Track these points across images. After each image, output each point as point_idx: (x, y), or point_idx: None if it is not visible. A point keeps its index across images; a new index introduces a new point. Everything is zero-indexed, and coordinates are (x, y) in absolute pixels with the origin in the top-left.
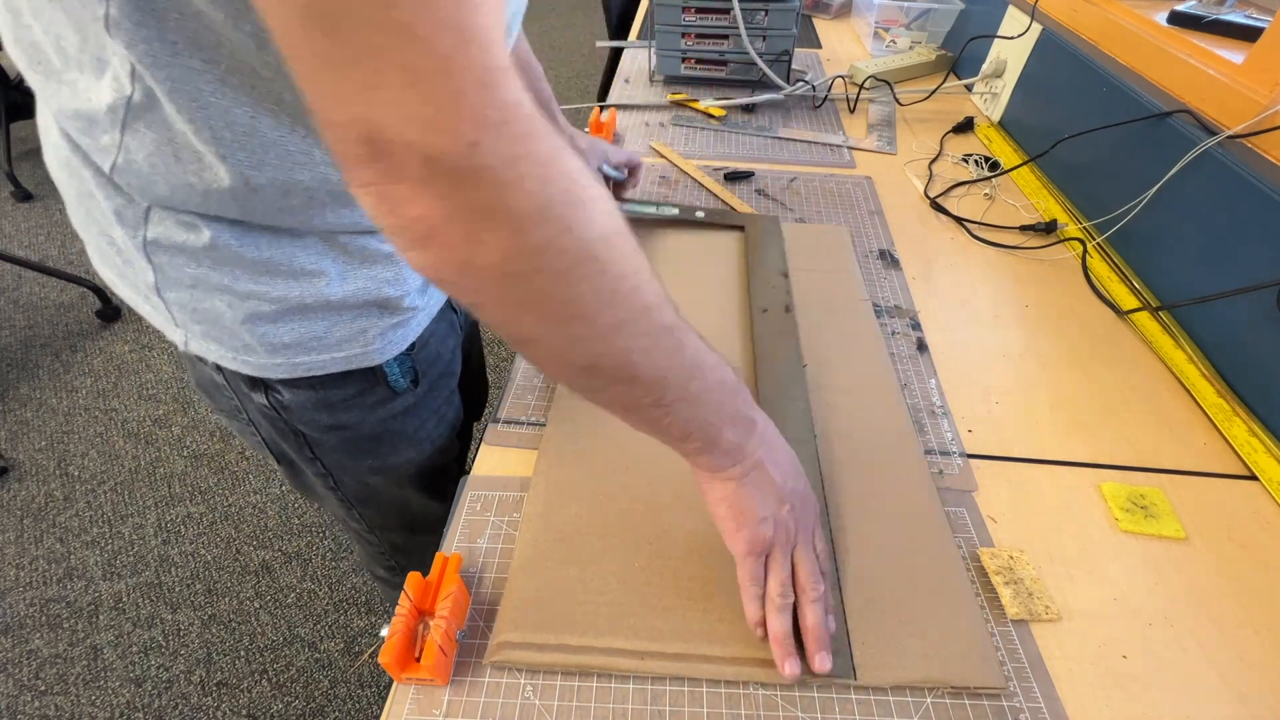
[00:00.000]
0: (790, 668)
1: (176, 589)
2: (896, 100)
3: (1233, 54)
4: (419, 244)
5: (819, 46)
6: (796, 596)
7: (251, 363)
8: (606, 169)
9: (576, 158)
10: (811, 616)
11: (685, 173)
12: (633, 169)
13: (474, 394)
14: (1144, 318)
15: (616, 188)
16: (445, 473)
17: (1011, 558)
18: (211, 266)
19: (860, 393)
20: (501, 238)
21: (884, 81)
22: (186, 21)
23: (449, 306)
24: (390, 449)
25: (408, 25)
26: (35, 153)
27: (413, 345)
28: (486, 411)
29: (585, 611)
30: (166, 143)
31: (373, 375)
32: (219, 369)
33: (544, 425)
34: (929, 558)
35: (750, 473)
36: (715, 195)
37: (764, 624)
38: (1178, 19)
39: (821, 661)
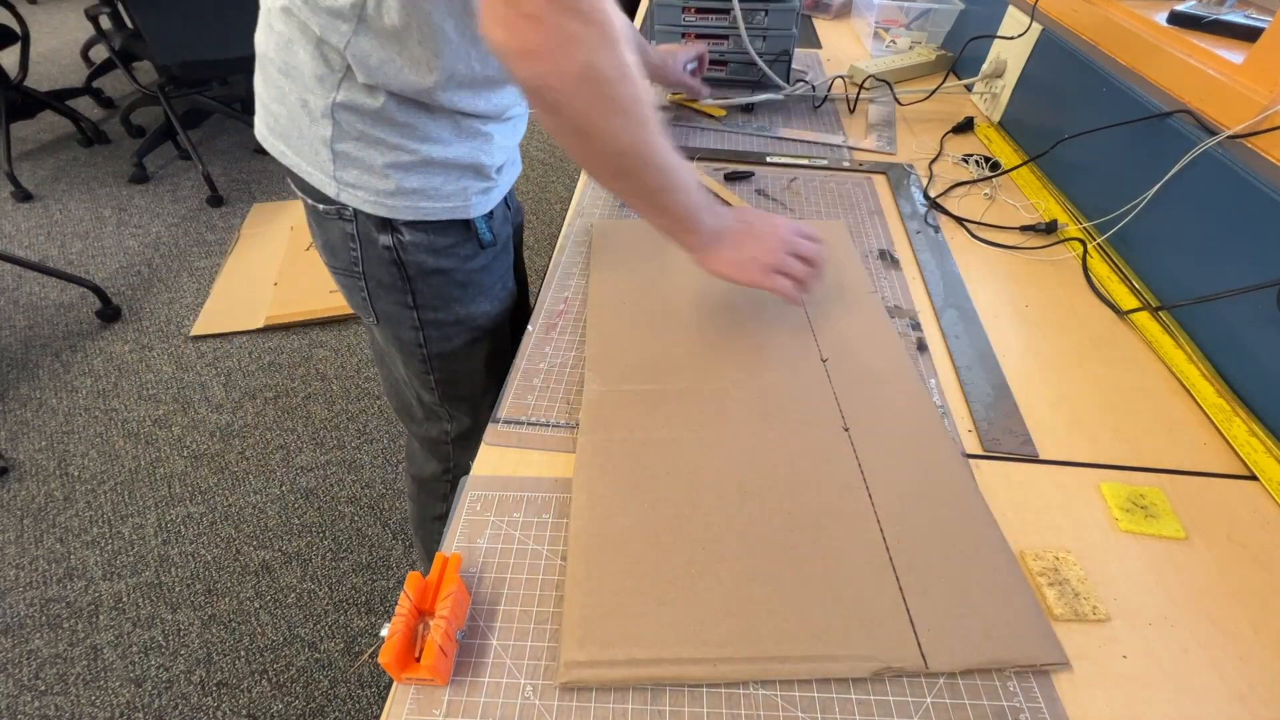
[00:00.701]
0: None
1: (176, 589)
2: (896, 100)
3: (1233, 54)
4: (530, 58)
5: (819, 46)
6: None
7: (387, 205)
8: (688, 66)
9: (617, 9)
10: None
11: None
12: (700, 60)
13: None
14: (1144, 318)
15: (693, 76)
16: (504, 348)
17: (1057, 558)
18: (374, 124)
19: (884, 382)
20: (583, 55)
21: (884, 81)
22: None
23: (505, 203)
24: (473, 298)
25: None
26: (35, 153)
27: (491, 213)
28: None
29: (649, 623)
30: (392, 39)
31: (467, 229)
32: (355, 217)
33: (545, 425)
34: (975, 541)
35: (729, 237)
36: (716, 195)
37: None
38: (1177, 19)
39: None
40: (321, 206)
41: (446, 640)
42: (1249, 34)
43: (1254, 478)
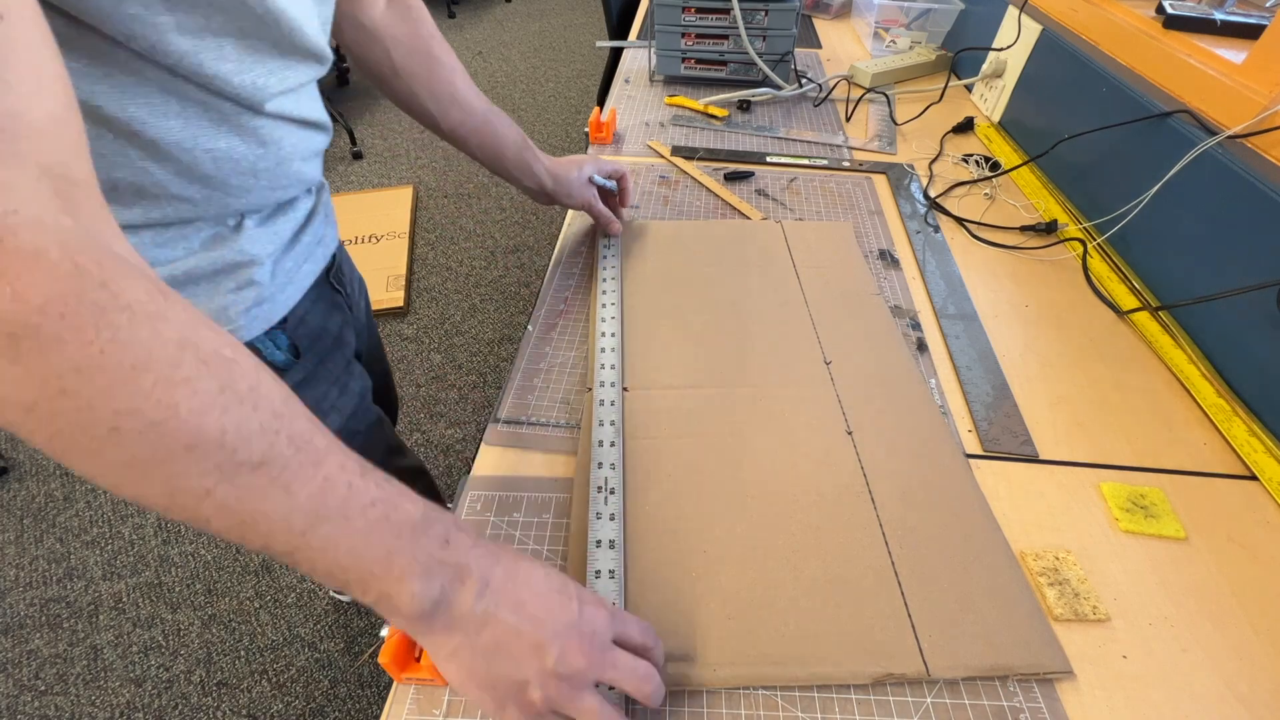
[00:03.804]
0: None
1: (176, 589)
2: (893, 120)
3: (1233, 54)
4: None
5: (819, 46)
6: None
7: None
8: (598, 179)
9: (62, 279)
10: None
11: (685, 173)
12: (620, 179)
13: (381, 394)
14: (1144, 318)
15: (609, 198)
16: (372, 444)
17: (1057, 558)
18: None
19: (887, 385)
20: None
21: (883, 92)
22: None
23: (330, 286)
24: None
25: None
26: None
27: (285, 320)
28: (486, 411)
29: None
30: None
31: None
32: None
33: (545, 425)
34: (977, 546)
35: (480, 629)
36: (716, 195)
37: None
38: (1177, 20)
39: None
40: None
41: None
42: (1249, 34)
43: (1254, 478)
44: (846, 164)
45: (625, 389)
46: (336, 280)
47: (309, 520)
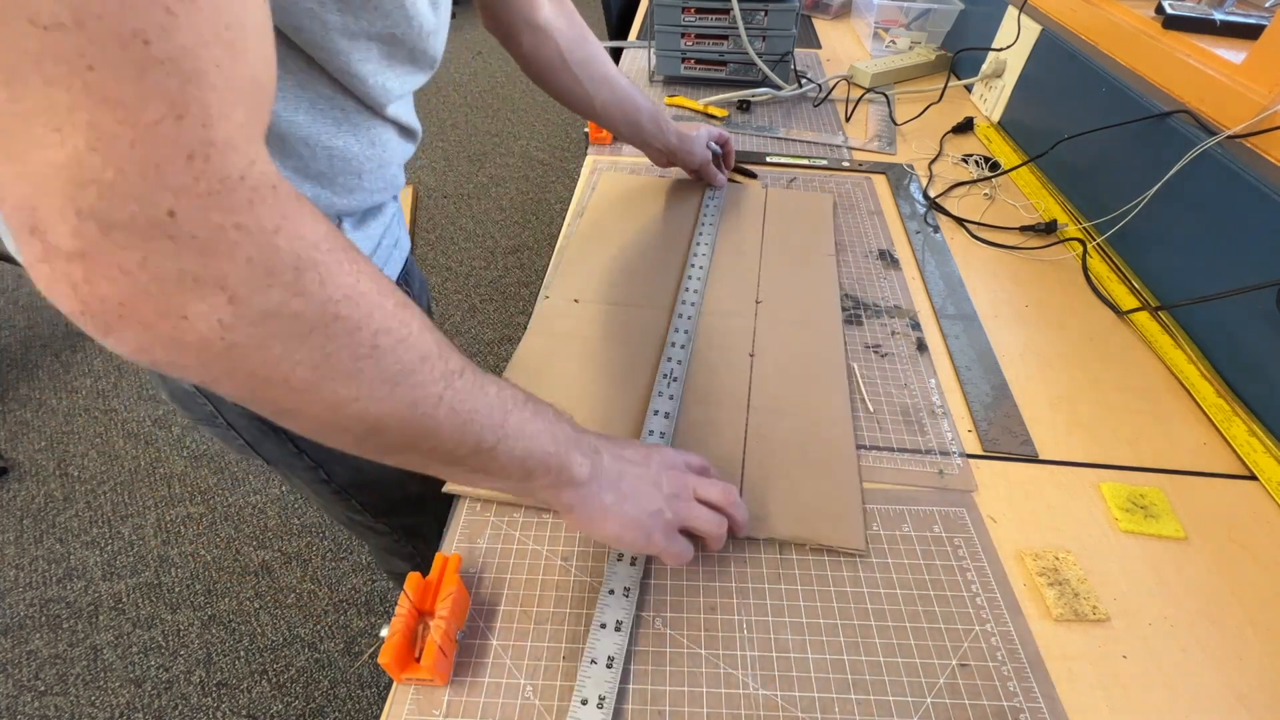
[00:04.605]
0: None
1: (176, 589)
2: (893, 120)
3: (1232, 54)
4: (112, 327)
5: (819, 46)
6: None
7: None
8: (711, 146)
9: (318, 223)
10: (740, 519)
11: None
12: (724, 144)
13: None
14: (1144, 318)
15: (718, 160)
16: None
17: (1057, 558)
18: None
19: (807, 328)
20: (215, 307)
21: (883, 92)
22: None
23: (402, 287)
24: None
25: (106, 89)
26: None
27: None
28: None
29: None
30: None
31: None
32: None
33: None
34: (824, 449)
35: (619, 482)
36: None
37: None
38: (1177, 20)
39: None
40: None
41: (446, 640)
42: (1249, 34)
43: (1254, 478)
44: (846, 164)
45: (575, 300)
46: (405, 283)
47: (503, 412)
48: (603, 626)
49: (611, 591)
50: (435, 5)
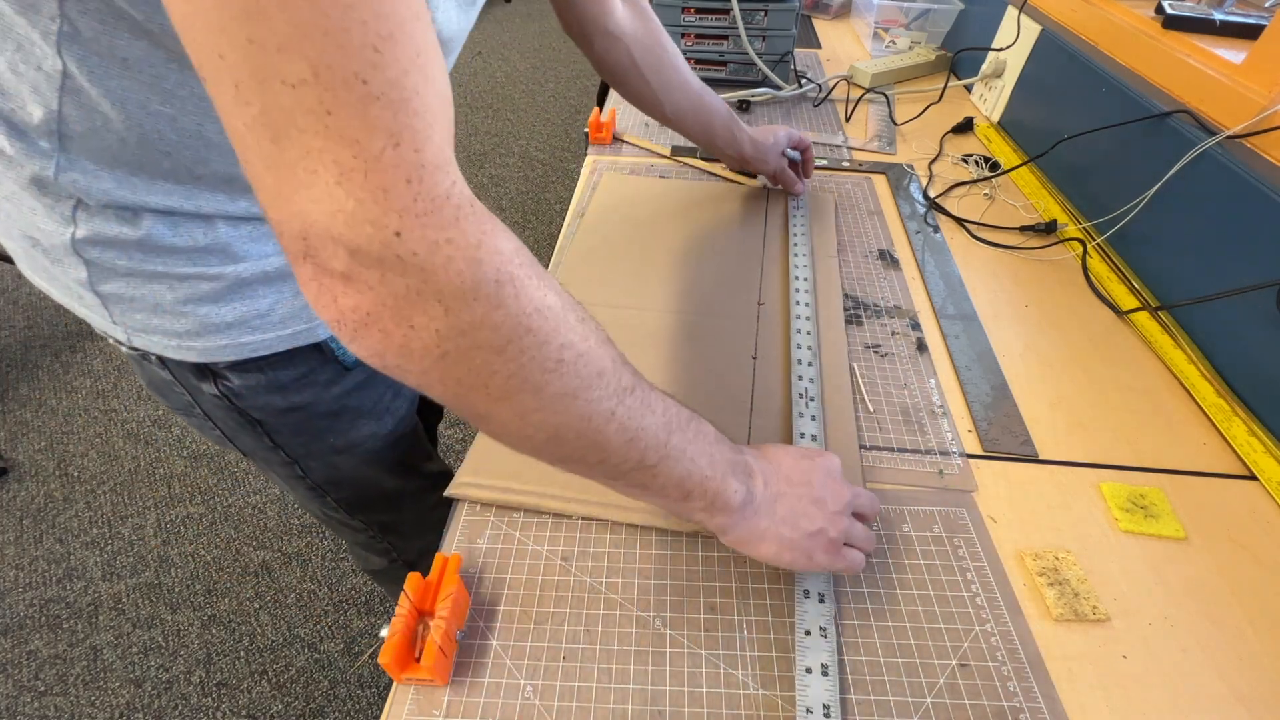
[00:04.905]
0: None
1: (176, 589)
2: (893, 120)
3: (1232, 54)
4: (358, 333)
5: (819, 47)
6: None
7: (196, 348)
8: (788, 152)
9: (510, 238)
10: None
11: (688, 166)
12: (804, 151)
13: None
14: (1144, 318)
15: (794, 167)
16: (413, 447)
17: (1057, 558)
18: (144, 257)
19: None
20: (434, 319)
21: (883, 92)
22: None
23: None
24: (350, 425)
25: (343, 130)
26: None
27: None
28: None
29: (530, 467)
30: (124, 153)
31: (320, 353)
32: (163, 363)
33: None
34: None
35: (775, 506)
36: (718, 177)
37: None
38: (1176, 20)
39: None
40: (124, 349)
41: (446, 640)
42: (1248, 34)
43: (1254, 478)
44: (846, 164)
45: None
46: None
47: (666, 431)
48: (808, 671)
49: (808, 633)
50: (463, 10)
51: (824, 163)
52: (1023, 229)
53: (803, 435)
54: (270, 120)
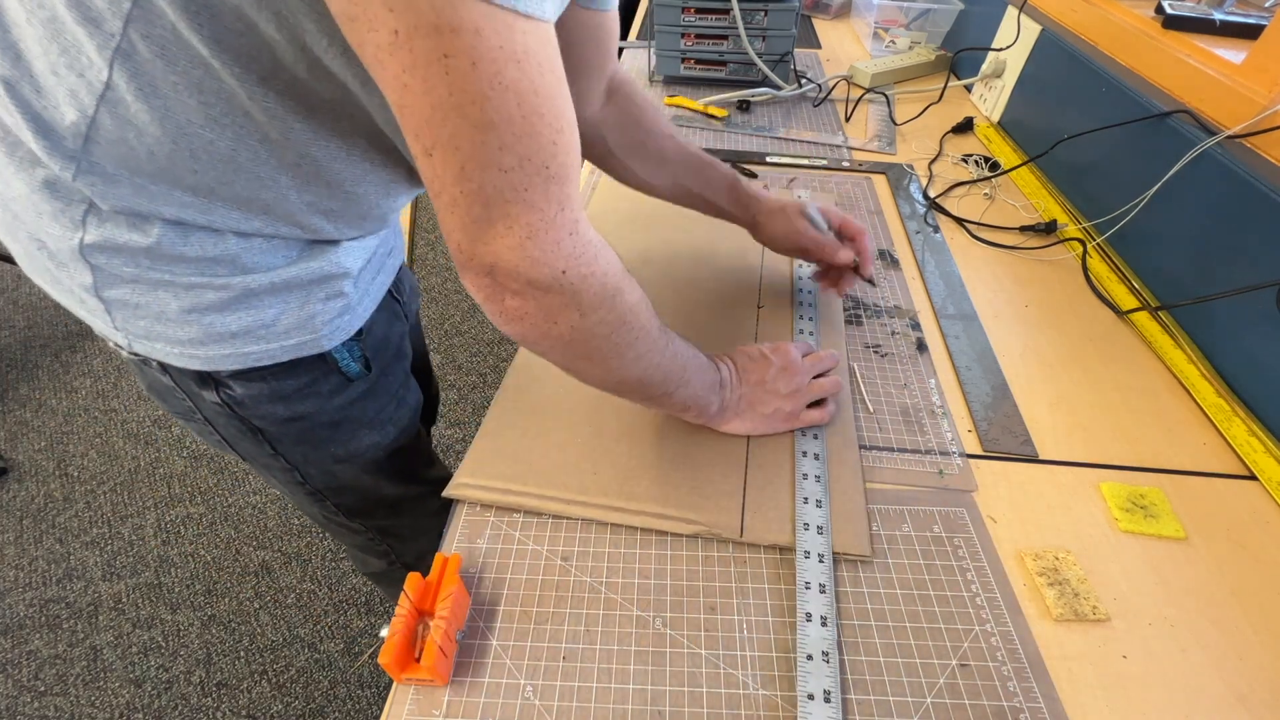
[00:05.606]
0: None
1: (176, 589)
2: (893, 120)
3: (1232, 54)
4: (512, 322)
5: (818, 47)
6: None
7: (199, 356)
8: (813, 215)
9: (615, 258)
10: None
11: None
12: (855, 235)
13: (425, 389)
14: (1144, 318)
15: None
16: (414, 455)
17: (1057, 558)
18: (151, 264)
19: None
20: (571, 319)
21: (882, 92)
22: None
23: (391, 296)
24: (351, 435)
25: (532, 202)
26: None
27: (360, 332)
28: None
29: (529, 469)
30: (146, 162)
31: (324, 363)
32: (164, 369)
33: None
34: (829, 451)
35: (739, 404)
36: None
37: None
38: (1176, 20)
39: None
40: (124, 353)
41: (446, 640)
42: (1248, 34)
43: (1254, 478)
44: (846, 164)
45: None
46: (397, 289)
47: (685, 368)
48: (808, 658)
49: (810, 658)
50: None
51: (824, 163)
52: (1023, 229)
53: (803, 434)
54: (484, 193)
